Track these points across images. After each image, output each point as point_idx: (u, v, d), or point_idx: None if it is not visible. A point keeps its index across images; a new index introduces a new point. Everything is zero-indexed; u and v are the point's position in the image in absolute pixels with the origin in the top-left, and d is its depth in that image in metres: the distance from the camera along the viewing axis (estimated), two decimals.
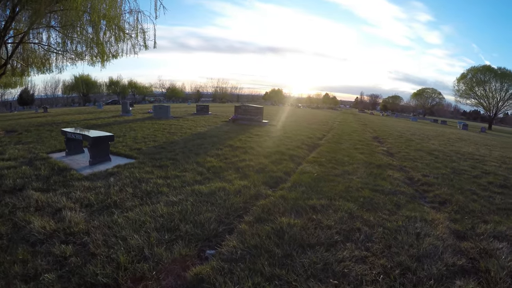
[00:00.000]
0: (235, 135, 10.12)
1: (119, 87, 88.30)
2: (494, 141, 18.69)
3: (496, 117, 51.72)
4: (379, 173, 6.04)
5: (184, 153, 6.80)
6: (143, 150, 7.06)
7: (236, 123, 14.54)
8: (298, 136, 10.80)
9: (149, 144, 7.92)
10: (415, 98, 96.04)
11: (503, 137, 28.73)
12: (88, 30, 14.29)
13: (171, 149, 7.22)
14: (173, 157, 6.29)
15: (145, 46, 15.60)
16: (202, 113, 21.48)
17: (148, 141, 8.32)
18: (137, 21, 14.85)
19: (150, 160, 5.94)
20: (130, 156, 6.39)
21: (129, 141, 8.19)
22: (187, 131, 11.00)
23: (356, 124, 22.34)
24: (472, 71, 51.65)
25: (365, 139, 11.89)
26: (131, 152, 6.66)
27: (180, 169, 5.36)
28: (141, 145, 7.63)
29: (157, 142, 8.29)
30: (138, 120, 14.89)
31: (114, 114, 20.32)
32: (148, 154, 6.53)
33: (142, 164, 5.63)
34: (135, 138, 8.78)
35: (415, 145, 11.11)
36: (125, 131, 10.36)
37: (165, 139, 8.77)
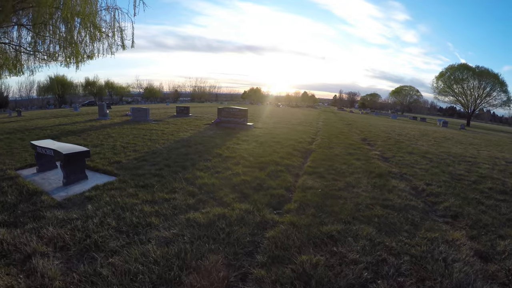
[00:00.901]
0: (221, 142, 9.51)
1: (95, 88, 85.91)
2: (477, 139, 18.89)
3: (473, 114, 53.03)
4: (383, 184, 5.65)
5: (170, 166, 6.13)
6: (123, 163, 6.33)
7: (220, 127, 13.91)
8: (288, 141, 10.31)
9: (129, 155, 7.20)
10: (394, 95, 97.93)
11: (482, 133, 29.34)
12: (61, 29, 13.34)
13: (154, 162, 6.54)
14: (158, 173, 5.61)
15: (122, 46, 14.75)
16: (183, 115, 20.74)
17: (128, 151, 7.60)
18: (114, 19, 13.97)
19: (133, 177, 5.25)
20: (109, 172, 5.66)
21: (107, 152, 7.44)
22: (169, 137, 10.30)
23: (340, 124, 22.13)
24: (450, 70, 52.92)
25: (355, 142, 11.54)
26: (110, 167, 5.92)
27: (168, 189, 4.70)
28: (120, 157, 6.90)
29: (138, 152, 7.57)
30: (116, 125, 14.03)
31: (90, 117, 19.29)
32: (130, 169, 5.83)
33: (124, 183, 4.94)
34: (114, 148, 8.03)
35: (406, 147, 10.89)
36: (103, 139, 9.58)
37: (147, 148, 8.05)
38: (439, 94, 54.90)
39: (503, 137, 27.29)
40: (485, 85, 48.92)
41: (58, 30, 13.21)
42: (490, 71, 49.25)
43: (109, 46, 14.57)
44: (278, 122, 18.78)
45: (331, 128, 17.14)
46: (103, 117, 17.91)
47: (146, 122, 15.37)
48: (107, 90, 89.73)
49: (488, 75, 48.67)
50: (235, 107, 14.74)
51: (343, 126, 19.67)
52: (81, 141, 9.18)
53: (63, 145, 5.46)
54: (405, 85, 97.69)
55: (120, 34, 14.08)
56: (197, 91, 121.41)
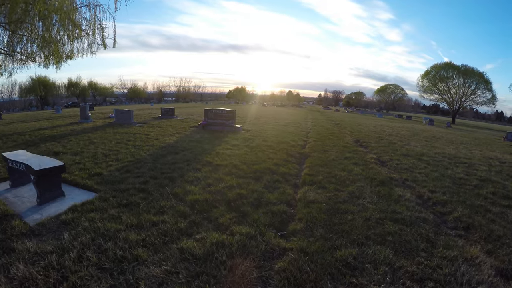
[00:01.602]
0: (210, 147, 8.98)
1: (78, 89, 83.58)
2: (466, 138, 18.98)
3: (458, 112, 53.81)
4: (388, 194, 5.30)
5: (156, 178, 5.55)
6: (104, 176, 5.71)
7: (207, 129, 13.37)
8: (280, 145, 9.88)
9: (111, 165, 6.58)
10: (379, 94, 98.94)
11: (469, 131, 29.70)
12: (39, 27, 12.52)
13: (138, 173, 5.94)
14: (143, 187, 5.02)
15: (103, 45, 13.98)
16: (168, 117, 20.07)
17: (110, 160, 6.98)
18: (95, 16, 13.21)
19: (115, 194, 4.66)
20: (89, 187, 5.04)
21: (87, 162, 6.81)
22: (155, 142, 9.70)
23: (329, 124, 21.86)
24: (435, 68, 53.57)
25: (348, 144, 11.22)
26: (90, 181, 5.30)
27: (156, 208, 4.14)
28: (102, 167, 6.28)
29: (120, 161, 6.95)
30: (98, 129, 13.31)
31: (72, 120, 18.38)
32: (111, 183, 5.22)
33: (105, 201, 4.35)
34: (95, 156, 7.40)
35: (400, 149, 10.65)
36: (83, 145, 8.93)
37: (130, 157, 7.42)
38: (424, 93, 55.56)
39: (489, 135, 27.64)
40: (470, 84, 49.69)
41: (35, 28, 12.41)
42: (475, 69, 50.17)
43: (89, 45, 13.82)
44: (267, 123, 18.35)
45: (321, 129, 16.80)
46: (85, 120, 17.12)
47: (130, 125, 14.69)
48: (90, 91, 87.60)
49: (473, 73, 49.43)
50: (222, 109, 14.18)
51: (332, 126, 19.39)
52: (60, 148, 8.52)
53: (36, 159, 4.82)
54: (390, 84, 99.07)
55: (101, 33, 13.35)
56: (182, 91, 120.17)
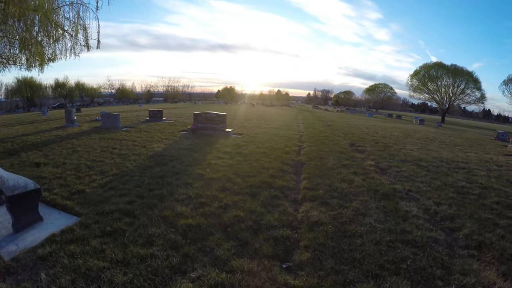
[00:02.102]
0: (201, 156, 8.51)
1: (65, 90, 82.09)
2: (458, 138, 18.94)
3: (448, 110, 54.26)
4: (394, 209, 5.01)
5: (143, 197, 5.06)
6: (86, 194, 5.20)
7: (196, 134, 12.89)
8: (274, 152, 9.50)
9: (94, 179, 6.07)
10: (368, 93, 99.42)
11: (460, 131, 29.78)
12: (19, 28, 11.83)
13: (124, 189, 5.44)
14: (129, 208, 4.52)
15: (86, 46, 13.30)
16: (156, 119, 19.51)
17: (94, 174, 6.47)
18: (78, 16, 12.56)
19: (97, 219, 4.17)
20: (69, 209, 4.55)
21: (69, 176, 6.29)
22: (142, 150, 9.17)
23: (321, 125, 21.58)
24: (425, 68, 53.93)
25: (344, 148, 10.92)
26: (71, 202, 4.79)
27: (144, 238, 3.67)
28: (84, 183, 5.78)
29: (105, 174, 6.44)
30: (83, 134, 12.73)
31: (57, 123, 17.71)
32: (94, 204, 4.73)
33: (87, 229, 3.87)
34: (78, 169, 6.88)
35: (397, 153, 10.43)
36: (66, 155, 8.40)
37: (115, 169, 6.90)
38: (414, 92, 55.90)
39: (480, 134, 27.79)
40: (459, 83, 50.14)
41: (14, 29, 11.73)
42: (464, 69, 50.68)
43: (72, 46, 13.19)
44: (258, 126, 17.95)
45: (314, 132, 16.47)
46: (70, 124, 16.46)
47: (117, 130, 14.13)
48: (77, 92, 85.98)
49: (462, 73, 49.91)
50: (212, 112, 13.71)
51: (325, 128, 19.07)
52: (42, 158, 7.99)
53: (9, 178, 4.33)
54: (379, 83, 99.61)
55: (84, 33, 12.68)
56: (170, 91, 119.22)
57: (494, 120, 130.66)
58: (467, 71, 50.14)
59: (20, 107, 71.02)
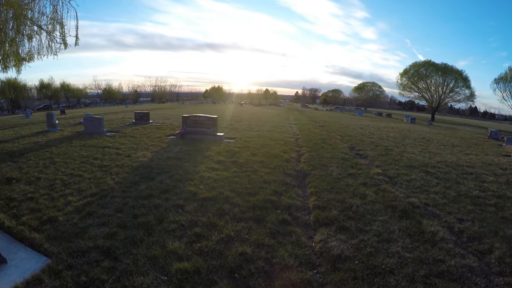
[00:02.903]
0: (191, 166, 7.65)
1: (50, 91, 79.46)
2: (453, 138, 18.67)
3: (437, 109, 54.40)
4: (418, 231, 4.45)
5: (126, 227, 4.18)
6: (59, 223, 4.33)
7: (186, 139, 12.03)
8: (272, 160, 8.76)
9: (70, 201, 5.19)
10: (356, 91, 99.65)
11: (451, 130, 29.54)
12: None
13: (103, 217, 4.55)
14: (109, 246, 3.65)
15: (64, 44, 12.28)
16: (142, 122, 18.55)
17: (70, 193, 5.58)
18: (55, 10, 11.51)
19: (71, 262, 3.32)
20: (38, 245, 3.71)
21: (42, 196, 5.40)
22: (125, 161, 8.27)
23: (315, 127, 20.96)
24: (414, 67, 54.06)
25: (345, 154, 10.28)
26: (40, 236, 3.91)
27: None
28: (57, 208, 4.89)
29: (82, 194, 5.54)
30: (64, 140, 11.74)
31: (39, 128, 16.54)
32: (67, 238, 3.86)
33: (57, 278, 3.04)
34: (52, 186, 6.00)
35: (401, 158, 9.96)
36: (42, 167, 7.50)
37: (94, 186, 6.00)
38: (403, 90, 55.94)
39: (472, 133, 27.59)
40: (449, 81, 50.28)
41: None
42: (454, 67, 50.86)
43: (49, 44, 12.16)
44: (250, 128, 17.20)
45: (309, 134, 15.81)
46: (52, 128, 15.38)
47: (100, 135, 13.19)
48: (62, 93, 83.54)
49: (452, 71, 50.06)
50: (202, 115, 12.86)
51: (319, 130, 18.40)
52: (16, 172, 7.08)
53: None
54: (367, 81, 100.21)
55: (61, 29, 11.69)
56: (158, 90, 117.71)
57: (480, 117, 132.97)
58: (457, 70, 50.49)
59: (5, 109, 68.81)
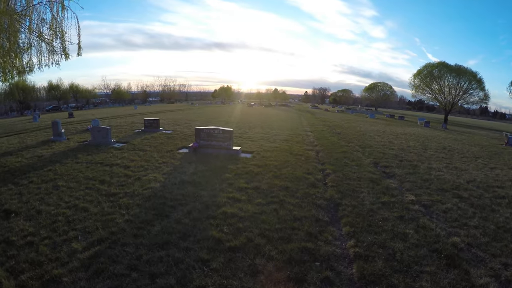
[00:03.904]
0: (211, 198, 6.78)
1: (59, 92, 79.80)
2: (472, 147, 17.91)
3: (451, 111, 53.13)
4: (469, 284, 3.97)
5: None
6: (64, 286, 3.68)
7: (199, 154, 11.39)
8: (297, 184, 8.15)
9: (75, 252, 4.43)
10: (367, 92, 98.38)
11: (466, 133, 28.59)
12: None
13: (115, 279, 3.82)
14: None
15: (64, 54, 11.63)
16: (152, 130, 18.10)
17: (74, 238, 4.86)
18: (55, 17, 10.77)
19: None
20: None
21: (42, 242, 4.74)
22: (135, 187, 7.51)
23: (331, 134, 20.27)
24: (428, 67, 52.78)
25: (372, 173, 9.63)
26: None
27: None
28: (61, 262, 4.19)
29: (88, 240, 4.77)
30: (70, 154, 11.17)
31: (45, 136, 16.10)
32: None
33: None
34: (54, 225, 5.31)
35: (429, 177, 9.43)
36: (44, 194, 6.85)
37: (102, 226, 5.27)
38: (416, 91, 54.78)
39: (488, 138, 26.66)
40: (462, 83, 49.11)
41: None
42: (468, 69, 49.64)
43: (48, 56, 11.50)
44: (265, 137, 16.58)
45: (327, 144, 15.17)
46: (58, 137, 14.89)
47: (107, 147, 12.67)
48: (71, 94, 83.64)
49: (466, 73, 48.83)
50: (216, 128, 12.14)
51: (337, 139, 17.62)
52: (15, 201, 6.47)
53: None
54: (379, 82, 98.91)
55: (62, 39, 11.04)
56: (166, 90, 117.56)
57: (491, 116, 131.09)
58: (471, 71, 49.13)
59: (14, 110, 69.26)
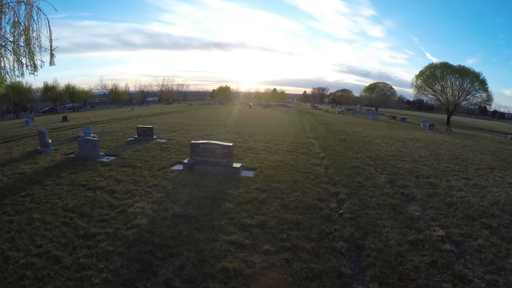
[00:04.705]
0: (208, 244, 5.55)
1: (55, 93, 78.18)
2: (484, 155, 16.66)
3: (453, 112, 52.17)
4: None
5: None
6: None
7: (195, 173, 10.24)
8: (311, 218, 7.15)
9: None
10: (367, 92, 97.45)
11: (472, 137, 27.46)
12: None
13: None
14: None
15: (33, 66, 10.45)
16: (145, 138, 17.10)
17: None
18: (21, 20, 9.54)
19: None
20: None
21: None
22: (119, 222, 6.31)
23: (336, 142, 19.20)
24: (430, 68, 51.78)
25: (391, 197, 8.64)
26: None
27: None
28: None
29: None
30: (52, 172, 10.09)
31: (33, 146, 15.07)
32: None
33: None
34: (20, 284, 4.32)
35: (451, 200, 8.37)
36: (14, 233, 5.82)
37: (74, 285, 4.26)
38: (418, 92, 53.83)
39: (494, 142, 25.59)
40: (466, 84, 48.18)
41: None
42: (471, 70, 48.73)
43: (12, 67, 10.33)
44: (268, 147, 15.53)
45: (336, 156, 14.03)
46: (44, 148, 13.88)
47: (95, 161, 11.73)
48: (67, 95, 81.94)
49: (469, 74, 47.92)
50: (214, 143, 10.81)
51: (344, 148, 16.44)
52: None
53: None
54: (379, 82, 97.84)
55: (27, 46, 9.89)
56: (164, 90, 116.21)
57: (490, 116, 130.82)
58: (474, 72, 48.05)
59: (10, 112, 68.39)
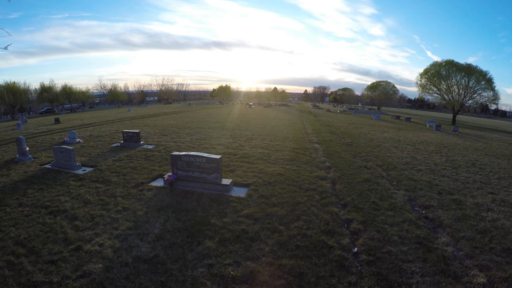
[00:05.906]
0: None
1: (52, 94, 76.52)
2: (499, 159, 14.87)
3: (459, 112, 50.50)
4: None
5: None
6: None
7: (176, 192, 8.55)
8: (317, 264, 5.68)
9: None
10: (369, 91, 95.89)
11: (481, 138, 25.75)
12: None
13: None
14: None
15: None
16: (131, 145, 15.74)
17: None
18: None
19: None
20: None
21: None
22: (66, 269, 4.81)
23: (341, 146, 17.64)
24: (435, 66, 50.12)
25: (415, 225, 7.34)
26: None
27: None
28: None
29: None
30: (19, 188, 8.84)
31: (12, 154, 13.88)
32: None
33: None
34: None
35: (484, 225, 7.02)
36: None
37: None
38: (423, 91, 52.12)
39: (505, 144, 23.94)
40: (473, 83, 46.49)
41: None
42: (478, 68, 47.00)
43: None
44: (266, 155, 14.07)
45: (343, 166, 12.46)
46: (22, 157, 12.67)
47: (67, 176, 10.26)
48: (64, 96, 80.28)
49: (475, 72, 46.24)
50: (199, 155, 8.96)
51: (351, 155, 14.82)
52: None
53: None
54: (381, 81, 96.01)
55: None
56: (164, 90, 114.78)
57: (492, 115, 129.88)
58: (480, 70, 46.25)
59: (7, 114, 67.27)
